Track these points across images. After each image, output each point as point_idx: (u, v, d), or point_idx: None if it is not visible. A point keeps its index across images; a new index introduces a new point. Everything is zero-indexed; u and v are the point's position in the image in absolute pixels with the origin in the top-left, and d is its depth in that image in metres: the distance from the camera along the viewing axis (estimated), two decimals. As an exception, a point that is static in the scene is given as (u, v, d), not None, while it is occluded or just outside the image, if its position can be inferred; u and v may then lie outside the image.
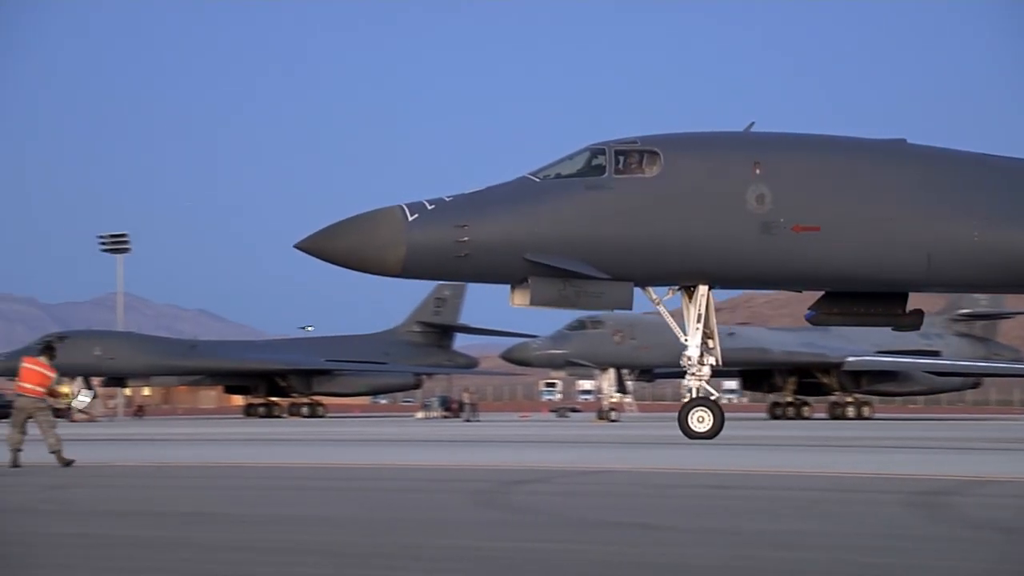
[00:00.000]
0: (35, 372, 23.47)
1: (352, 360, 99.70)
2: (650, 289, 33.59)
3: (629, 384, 77.96)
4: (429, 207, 31.60)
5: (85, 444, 35.62)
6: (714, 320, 33.59)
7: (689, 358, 33.49)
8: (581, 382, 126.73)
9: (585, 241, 31.87)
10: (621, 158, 32.18)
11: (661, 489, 17.50)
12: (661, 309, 33.93)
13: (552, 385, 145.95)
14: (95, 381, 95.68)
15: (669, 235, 32.17)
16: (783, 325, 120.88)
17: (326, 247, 31.71)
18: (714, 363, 33.82)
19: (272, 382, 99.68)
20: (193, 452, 29.98)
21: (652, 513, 14.16)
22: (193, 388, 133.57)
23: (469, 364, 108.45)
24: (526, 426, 61.57)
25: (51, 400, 24.33)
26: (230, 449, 31.80)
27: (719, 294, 34.33)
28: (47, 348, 24.54)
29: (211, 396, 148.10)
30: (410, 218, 31.29)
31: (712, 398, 33.77)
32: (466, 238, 31.31)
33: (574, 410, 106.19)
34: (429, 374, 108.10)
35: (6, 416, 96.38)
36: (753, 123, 34.18)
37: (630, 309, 33.71)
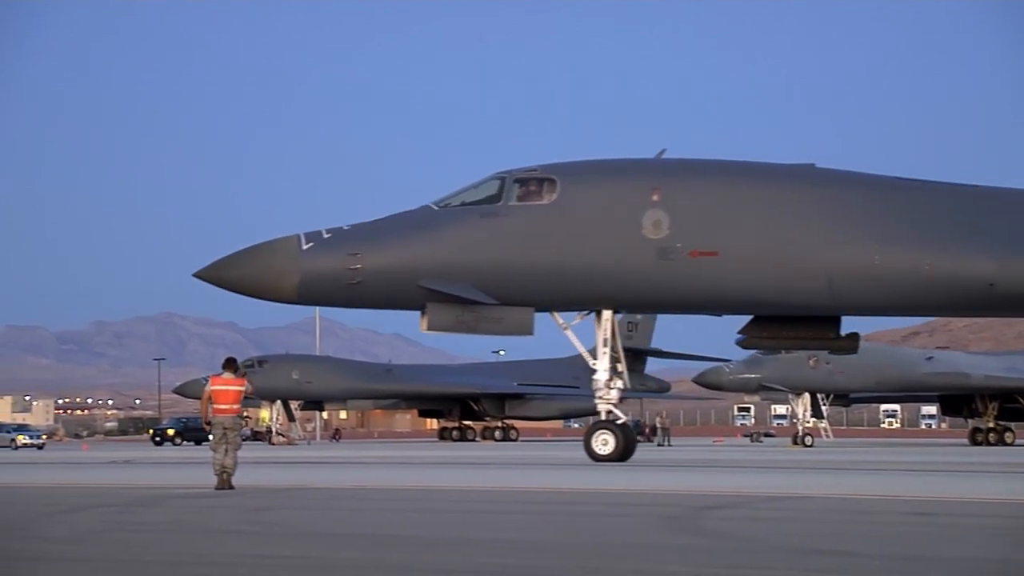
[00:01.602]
0: (229, 391, 23.70)
1: (544, 384, 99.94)
2: (556, 314, 33.94)
3: (824, 409, 76.84)
4: (326, 236, 32.56)
5: (284, 467, 36.25)
6: (620, 343, 34.00)
7: (597, 381, 34.01)
8: (775, 407, 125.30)
9: (478, 268, 32.32)
10: (520, 186, 32.51)
11: (858, 516, 17.15)
12: (569, 334, 34.35)
13: (746, 410, 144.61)
14: (293, 404, 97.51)
15: (565, 261, 32.40)
16: (983, 349, 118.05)
17: (223, 276, 32.86)
18: (622, 386, 34.44)
19: (465, 406, 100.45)
20: (388, 475, 30.28)
21: (849, 540, 13.87)
22: (388, 412, 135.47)
23: (661, 388, 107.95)
24: (719, 451, 61.00)
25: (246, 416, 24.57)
26: (425, 472, 32.04)
27: (919, 320, 33.96)
28: (230, 362, 24.52)
29: (406, 419, 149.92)
30: (305, 247, 32.30)
31: (619, 421, 34.14)
32: (358, 265, 32.17)
33: (768, 435, 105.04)
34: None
35: (204, 440, 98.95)
36: (664, 150, 34.23)
37: (530, 335, 33.66)
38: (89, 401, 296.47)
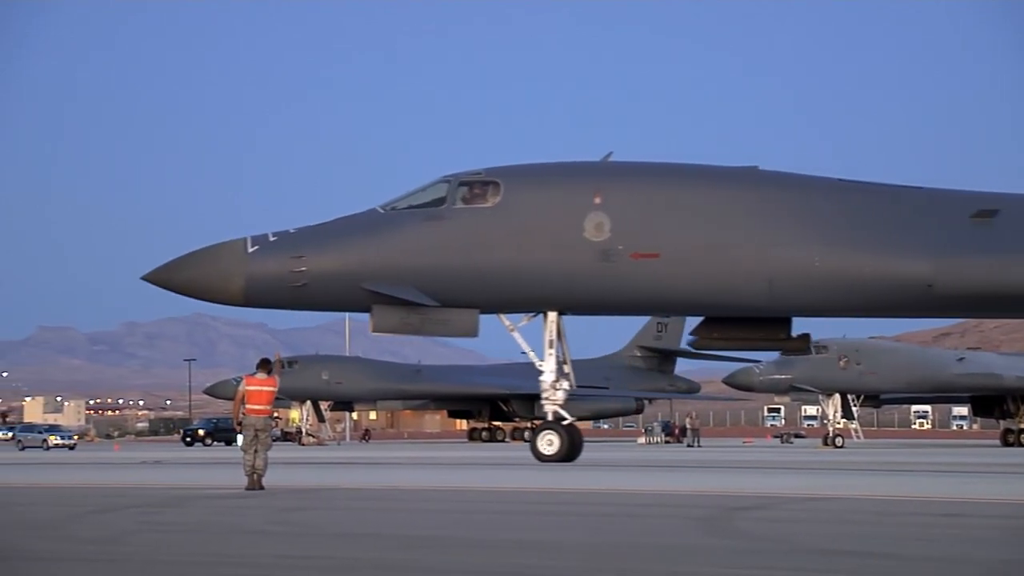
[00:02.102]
0: (262, 392, 23.68)
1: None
2: (503, 316, 34.30)
3: (855, 410, 76.61)
4: (272, 239, 33.06)
5: (313, 467, 36.32)
6: (566, 345, 34.17)
7: (543, 383, 34.30)
8: (805, 408, 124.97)
9: (422, 271, 32.75)
10: (465, 189, 33.00)
11: (889, 517, 17.09)
12: (516, 335, 34.62)
13: (776, 411, 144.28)
14: (323, 405, 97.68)
15: (508, 263, 32.82)
16: (1015, 350, 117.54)
17: (171, 278, 33.49)
18: (567, 387, 34.52)
19: (495, 406, 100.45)
20: (418, 476, 30.31)
21: (880, 542, 13.82)
22: (418, 412, 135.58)
23: (691, 389, 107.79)
24: (749, 452, 60.88)
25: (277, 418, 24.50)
26: (454, 473, 32.06)
27: (950, 321, 33.96)
28: (264, 363, 24.49)
29: (435, 420, 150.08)
30: (250, 250, 32.84)
31: (564, 422, 34.30)
32: (303, 268, 32.64)
33: (798, 436, 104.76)
34: (650, 399, 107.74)
35: (229, 440, 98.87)
36: (611, 153, 34.44)
37: (475, 336, 34.07)
38: (120, 402, 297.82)
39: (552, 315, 33.93)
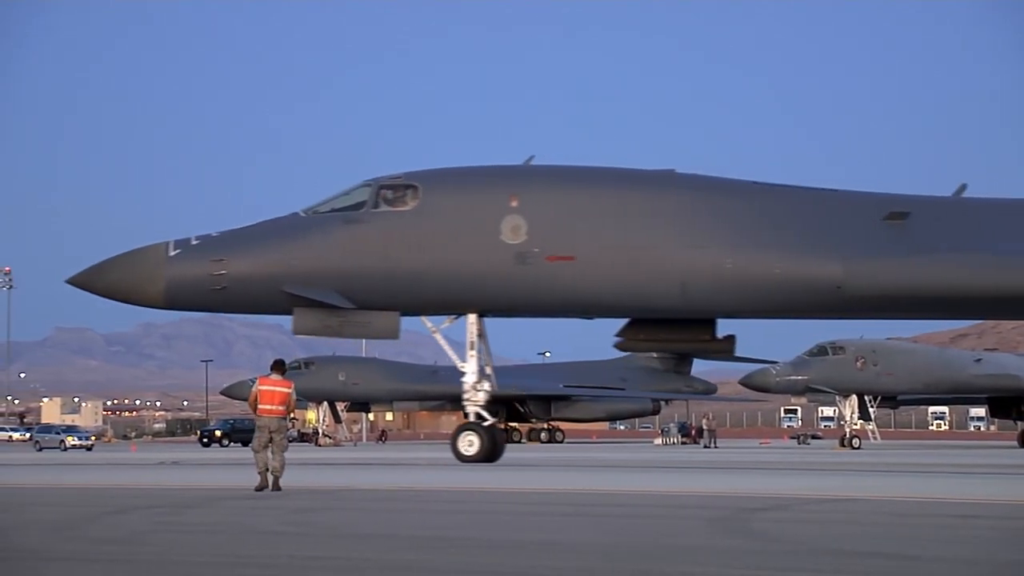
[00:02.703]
0: (275, 392, 23.69)
1: (590, 386, 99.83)
2: (425, 319, 34.77)
3: (872, 411, 76.46)
4: (194, 242, 33.60)
5: (330, 468, 36.35)
6: (488, 346, 34.71)
7: (465, 384, 35.04)
8: (822, 409, 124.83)
9: (341, 273, 33.16)
10: (386, 193, 33.44)
11: (906, 518, 17.06)
12: (438, 337, 35.05)
13: (793, 411, 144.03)
14: (340, 406, 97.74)
15: (426, 266, 33.25)
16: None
17: (93, 282, 33.99)
18: (489, 388, 35.13)
19: (511, 407, 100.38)
20: (434, 476, 30.33)
21: (898, 542, 13.79)
22: (434, 413, 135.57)
23: (707, 390, 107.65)
24: (766, 453, 60.80)
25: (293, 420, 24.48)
26: (471, 474, 32.07)
27: (967, 321, 33.87)
28: (277, 364, 24.55)
29: (452, 421, 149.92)
30: (172, 253, 33.33)
31: (485, 423, 34.87)
32: (223, 271, 33.14)
33: (815, 437, 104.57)
34: (667, 400, 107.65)
35: (246, 441, 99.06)
36: (532, 156, 34.88)
37: (396, 338, 34.44)
38: (137, 402, 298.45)
39: (472, 317, 34.51)
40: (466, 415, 35.69)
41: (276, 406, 23.53)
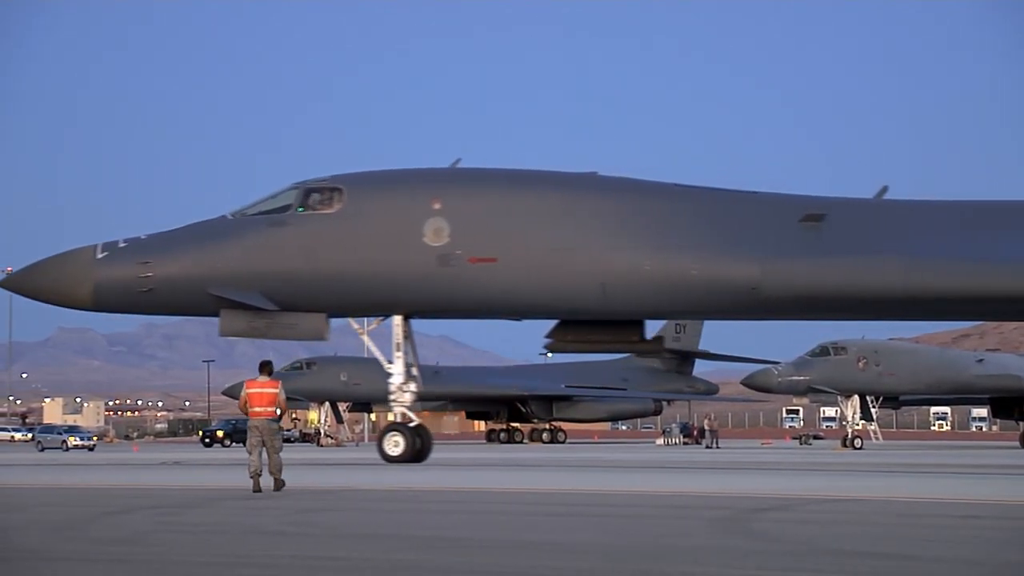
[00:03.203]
0: (263, 394, 23.68)
1: (592, 386, 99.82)
2: (352, 320, 35.49)
3: (874, 411, 76.43)
4: (121, 245, 34.09)
5: (332, 469, 36.36)
6: (414, 347, 35.33)
7: (391, 385, 35.48)
8: (824, 409, 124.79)
9: (265, 276, 33.67)
10: (311, 195, 33.93)
11: (908, 519, 17.06)
12: (366, 338, 35.89)
13: (795, 412, 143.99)
14: (342, 406, 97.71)
15: (350, 268, 33.71)
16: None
17: (24, 284, 34.66)
18: (415, 389, 35.73)
19: (513, 408, 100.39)
20: (436, 477, 30.33)
21: (900, 543, 13.80)
22: (436, 414, 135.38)
23: (709, 390, 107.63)
24: (768, 453, 60.80)
25: (285, 419, 24.31)
26: (472, 474, 32.09)
27: (969, 322, 33.86)
28: (264, 365, 24.53)
29: (453, 422, 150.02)
30: (99, 256, 33.83)
31: (411, 424, 35.47)
32: (149, 274, 33.66)
33: (817, 437, 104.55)
34: (669, 400, 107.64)
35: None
36: (459, 160, 35.39)
37: (324, 339, 34.99)
38: (139, 403, 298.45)
39: (397, 318, 34.97)
40: (393, 415, 36.29)
41: (265, 407, 23.50)
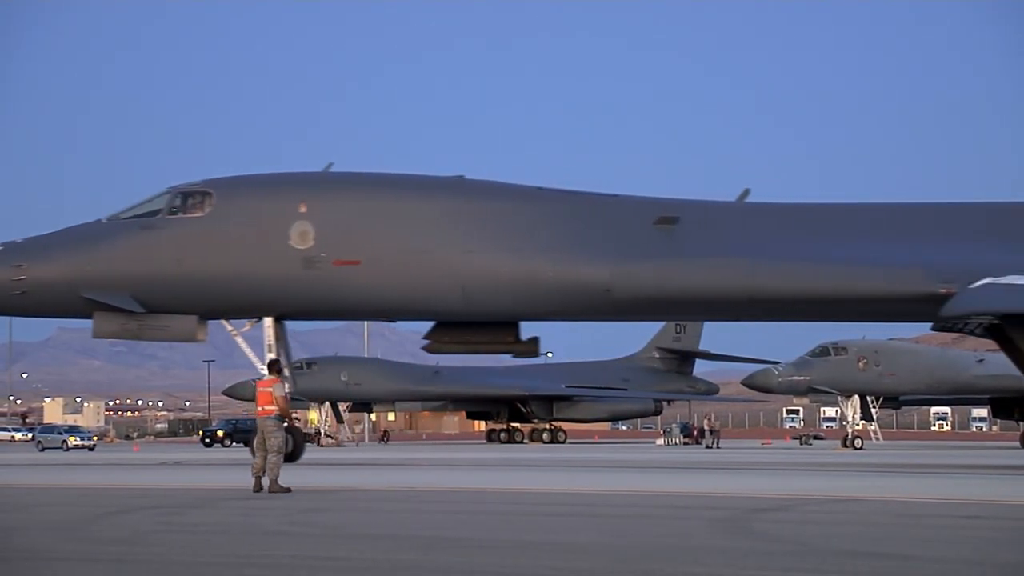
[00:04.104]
0: (264, 393, 23.93)
1: (592, 386, 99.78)
2: (225, 321, 35.84)
3: (874, 411, 76.38)
4: None
5: (333, 469, 36.36)
6: (287, 348, 35.69)
7: None
8: (824, 409, 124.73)
9: (136, 279, 34.27)
10: (182, 199, 34.63)
11: (909, 519, 17.07)
12: (239, 340, 36.12)
13: (795, 412, 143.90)
14: (342, 406, 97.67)
15: (218, 271, 34.32)
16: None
17: None
18: (288, 389, 35.32)
19: (513, 408, 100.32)
20: (436, 477, 30.34)
21: (900, 543, 13.80)
22: (436, 413, 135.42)
23: (710, 390, 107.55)
24: (768, 453, 60.79)
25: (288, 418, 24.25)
26: (473, 474, 32.10)
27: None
28: (271, 364, 24.87)
29: (454, 421, 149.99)
30: None
31: (283, 424, 35.42)
32: (23, 277, 34.19)
33: (817, 437, 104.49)
34: (669, 400, 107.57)
35: (248, 441, 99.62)
36: (332, 164, 36.11)
37: (195, 341, 35.58)
38: (139, 403, 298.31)
39: (268, 320, 35.42)
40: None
41: (265, 406, 23.71)
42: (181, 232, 34.36)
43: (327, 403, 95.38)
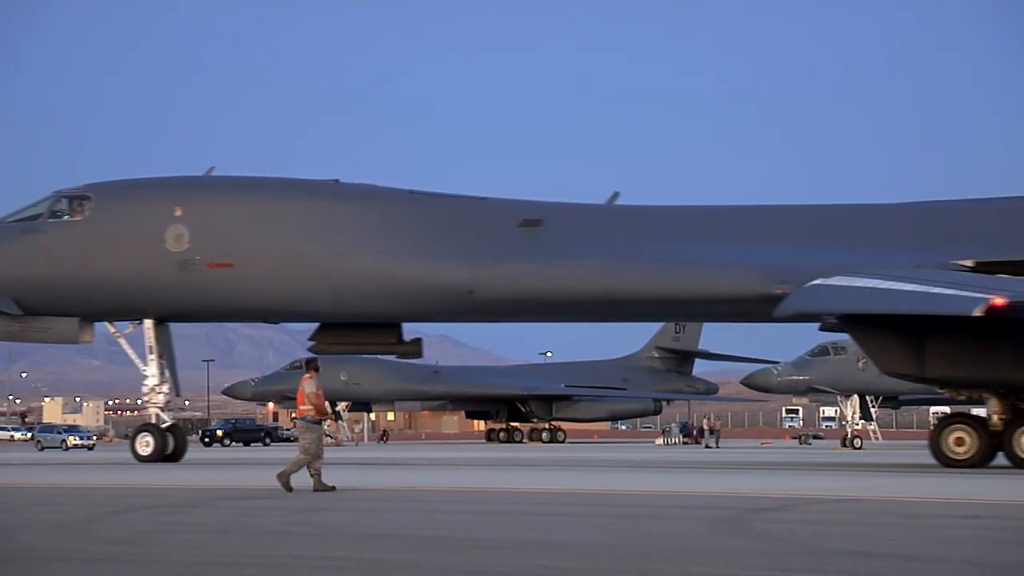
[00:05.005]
0: (299, 392, 23.96)
1: (591, 386, 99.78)
2: (108, 324, 36.71)
3: (873, 411, 76.38)
4: None
5: (332, 468, 36.32)
6: (170, 349, 36.73)
7: (145, 386, 36.95)
8: (824, 409, 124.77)
9: (16, 281, 35.06)
10: (64, 203, 35.36)
11: (909, 518, 17.07)
12: (122, 342, 37.22)
13: (794, 412, 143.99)
14: (341, 406, 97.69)
15: (96, 274, 35.05)
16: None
17: None
18: (168, 390, 37.06)
19: (513, 407, 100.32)
20: (436, 476, 30.34)
21: (900, 542, 13.80)
22: (436, 413, 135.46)
23: (709, 390, 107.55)
24: (768, 453, 60.79)
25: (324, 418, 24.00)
26: (473, 474, 32.09)
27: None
28: (308, 362, 24.85)
29: (453, 421, 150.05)
30: None
31: (163, 424, 36.82)
32: None
33: (817, 437, 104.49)
34: (668, 400, 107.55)
35: (252, 441, 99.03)
36: (213, 168, 36.73)
37: (79, 343, 36.58)
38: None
39: (148, 322, 36.35)
40: (147, 417, 37.77)
41: (300, 406, 23.81)
42: (61, 235, 35.07)
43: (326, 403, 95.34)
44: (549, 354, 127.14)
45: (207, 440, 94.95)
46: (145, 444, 36.74)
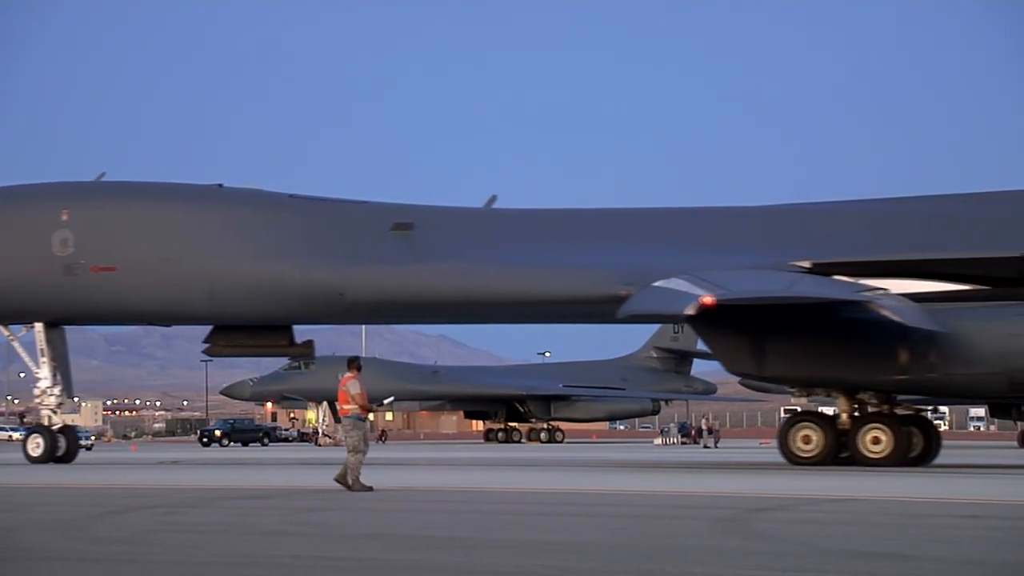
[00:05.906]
0: (341, 392, 24.17)
1: (590, 385, 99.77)
2: (1, 327, 37.63)
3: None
4: None
5: (331, 468, 36.36)
6: (62, 352, 37.98)
7: (37, 388, 38.03)
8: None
9: None
10: None
11: (908, 518, 17.06)
12: (15, 344, 38.16)
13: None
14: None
15: None
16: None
17: None
18: (59, 392, 38.42)
19: (511, 407, 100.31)
20: (435, 476, 30.35)
21: (900, 542, 13.80)
22: (434, 413, 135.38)
23: (708, 390, 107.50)
24: (766, 453, 60.78)
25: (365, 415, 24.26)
26: (471, 474, 32.10)
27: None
28: (350, 361, 25.42)
29: (452, 421, 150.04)
30: None
31: (54, 427, 38.18)
32: None
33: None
34: (667, 400, 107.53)
35: (251, 441, 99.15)
36: (103, 173, 37.32)
37: None
38: (137, 402, 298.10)
39: (39, 325, 37.13)
40: (39, 419, 38.74)
41: (343, 405, 23.96)
42: None
43: (324, 403, 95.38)
44: (547, 354, 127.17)
45: (205, 440, 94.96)
46: (36, 446, 37.86)
